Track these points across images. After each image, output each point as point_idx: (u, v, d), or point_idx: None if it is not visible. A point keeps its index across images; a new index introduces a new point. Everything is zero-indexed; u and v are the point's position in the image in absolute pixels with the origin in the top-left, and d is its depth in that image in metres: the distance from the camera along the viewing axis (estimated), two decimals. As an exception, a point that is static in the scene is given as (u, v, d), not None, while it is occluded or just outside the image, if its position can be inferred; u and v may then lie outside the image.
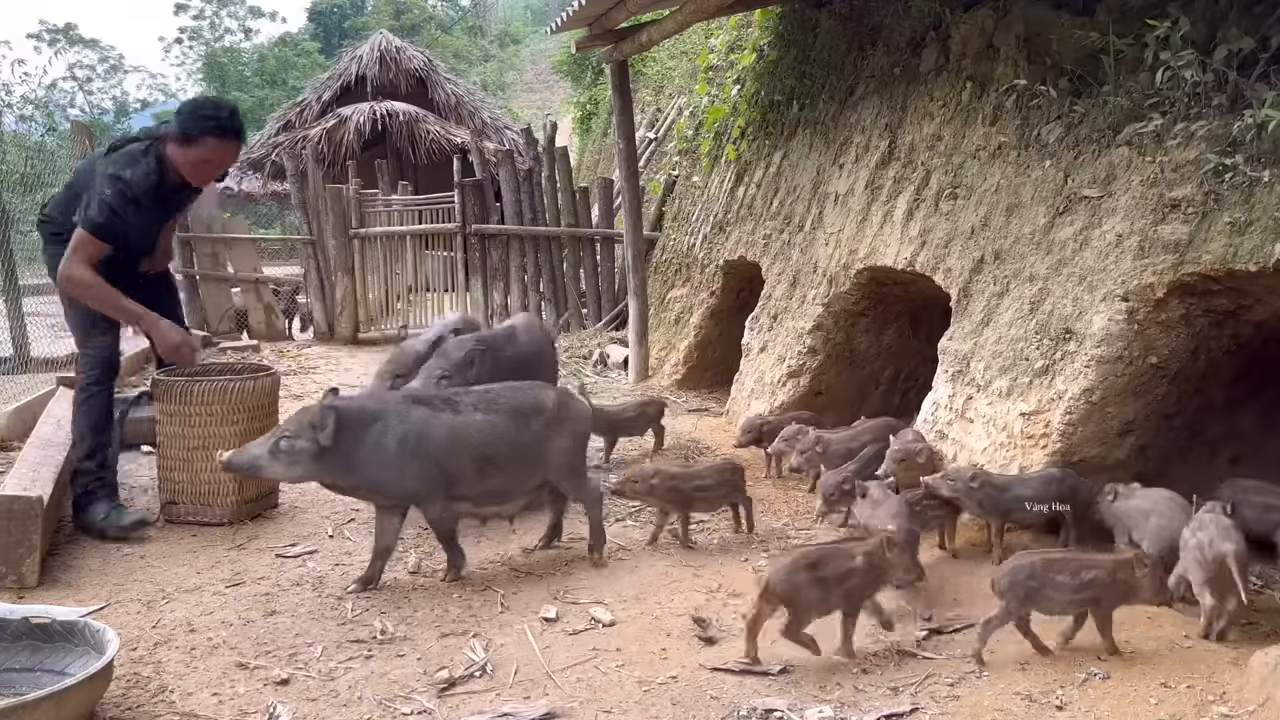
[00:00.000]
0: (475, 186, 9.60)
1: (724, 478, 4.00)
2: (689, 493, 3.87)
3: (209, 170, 3.91)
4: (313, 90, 17.61)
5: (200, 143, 3.73)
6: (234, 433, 3.96)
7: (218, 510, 4.08)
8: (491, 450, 3.46)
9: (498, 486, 3.53)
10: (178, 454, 4.06)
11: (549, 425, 3.59)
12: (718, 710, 2.56)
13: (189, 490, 4.07)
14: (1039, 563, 2.84)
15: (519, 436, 3.51)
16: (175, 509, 4.11)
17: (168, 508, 4.12)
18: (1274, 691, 2.46)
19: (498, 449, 3.47)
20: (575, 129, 19.41)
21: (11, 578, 3.26)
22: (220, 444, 3.74)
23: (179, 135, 3.72)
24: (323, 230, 10.09)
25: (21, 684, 2.54)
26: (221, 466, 3.26)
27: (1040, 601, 2.82)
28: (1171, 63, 3.63)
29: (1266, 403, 4.07)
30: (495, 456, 3.47)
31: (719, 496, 4.01)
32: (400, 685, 2.68)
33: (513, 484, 3.56)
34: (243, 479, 3.84)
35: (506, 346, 4.60)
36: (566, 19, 6.56)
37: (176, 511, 4.10)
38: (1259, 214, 3.24)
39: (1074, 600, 2.84)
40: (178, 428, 4.04)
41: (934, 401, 4.49)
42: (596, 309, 9.20)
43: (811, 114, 6.37)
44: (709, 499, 3.98)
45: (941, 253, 4.66)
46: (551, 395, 3.70)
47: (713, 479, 3.97)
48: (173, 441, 4.07)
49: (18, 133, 26.54)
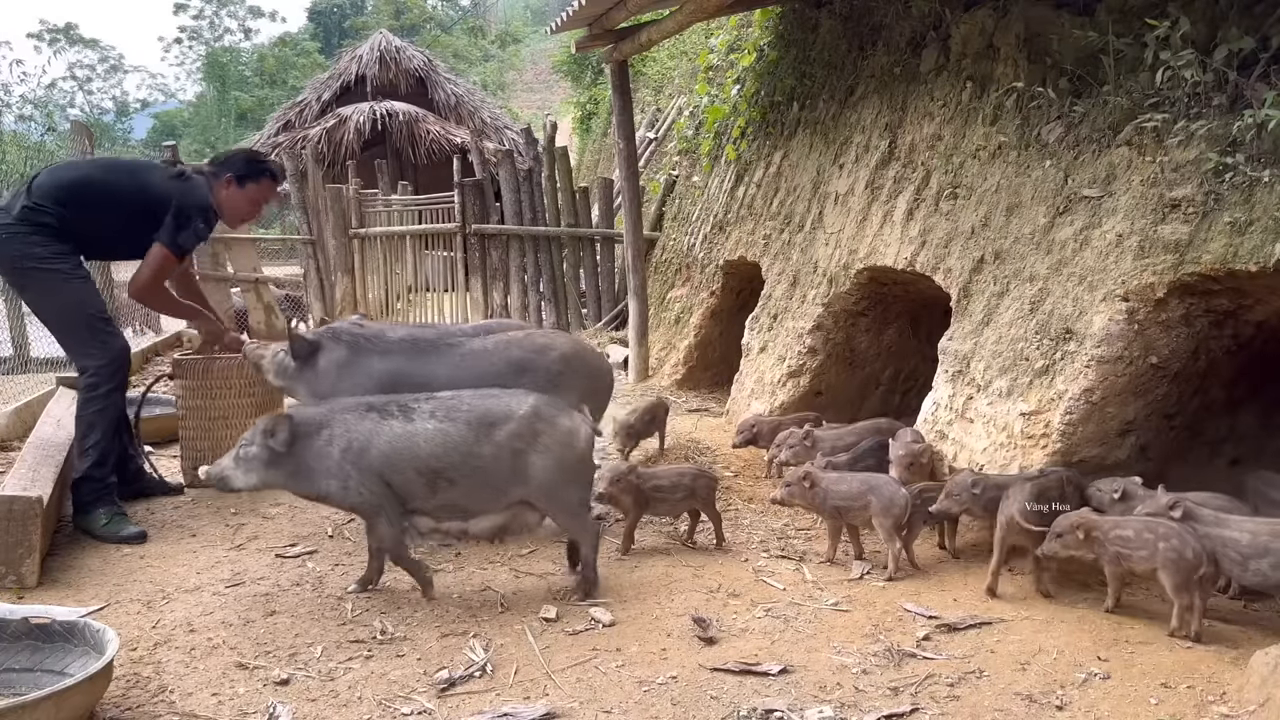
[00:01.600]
0: (475, 186, 9.59)
1: (684, 482, 3.91)
2: (646, 492, 3.85)
3: (252, 210, 4.34)
4: (313, 90, 17.65)
5: (257, 183, 4.24)
6: (250, 404, 4.43)
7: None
8: (441, 463, 3.19)
9: (452, 501, 3.25)
10: (200, 424, 4.49)
11: (519, 438, 3.21)
12: (718, 710, 2.56)
13: (212, 458, 4.24)
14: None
15: (477, 448, 3.19)
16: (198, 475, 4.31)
17: (191, 474, 4.48)
18: (1274, 691, 2.46)
19: (449, 460, 3.18)
20: (575, 129, 19.43)
21: (11, 578, 3.26)
22: (238, 414, 4.35)
23: (236, 177, 4.17)
24: (323, 230, 10.10)
25: (21, 684, 2.53)
26: (203, 479, 3.35)
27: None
28: (1171, 62, 3.63)
29: (1267, 403, 4.07)
30: (446, 469, 3.19)
31: (677, 500, 3.92)
32: (400, 685, 2.68)
33: (471, 500, 3.25)
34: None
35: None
36: (566, 19, 6.56)
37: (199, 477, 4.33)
38: (1259, 214, 3.24)
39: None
40: (200, 400, 4.45)
41: (934, 401, 4.49)
42: (596, 309, 9.20)
43: (811, 114, 6.37)
44: (669, 502, 3.91)
45: (941, 253, 4.66)
46: (525, 404, 3.28)
47: (669, 481, 3.91)
48: (195, 413, 4.49)
49: (17, 132, 26.55)
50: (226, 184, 4.16)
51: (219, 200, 4.14)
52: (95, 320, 3.93)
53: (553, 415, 3.29)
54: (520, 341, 4.09)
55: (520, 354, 3.99)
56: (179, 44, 42.98)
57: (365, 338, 3.97)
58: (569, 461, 3.27)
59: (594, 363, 4.28)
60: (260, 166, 4.28)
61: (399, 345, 3.95)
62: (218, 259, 10.18)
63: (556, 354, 4.06)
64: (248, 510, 4.23)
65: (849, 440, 4.50)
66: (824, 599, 3.37)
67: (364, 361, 3.88)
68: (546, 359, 4.01)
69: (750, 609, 3.27)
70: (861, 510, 3.66)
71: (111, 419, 3.98)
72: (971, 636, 3.03)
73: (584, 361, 4.17)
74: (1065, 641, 2.97)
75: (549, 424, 3.26)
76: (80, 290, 3.92)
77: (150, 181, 4.04)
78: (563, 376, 3.97)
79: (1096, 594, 3.34)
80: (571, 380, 3.97)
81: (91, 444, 3.90)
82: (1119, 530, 3.13)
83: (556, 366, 4.00)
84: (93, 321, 3.92)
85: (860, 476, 3.79)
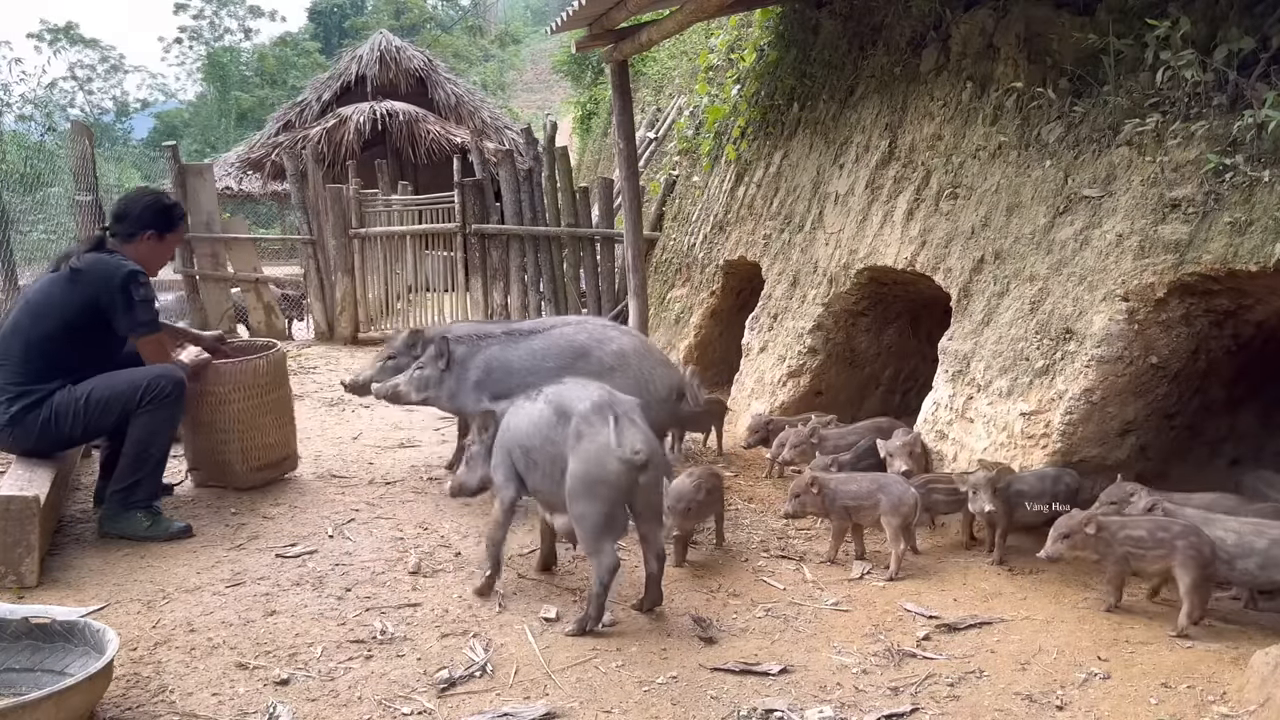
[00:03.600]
0: (475, 186, 9.58)
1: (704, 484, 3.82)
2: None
3: (169, 255, 4.27)
4: (313, 90, 17.63)
5: (175, 230, 4.17)
6: (250, 404, 4.43)
7: (235, 476, 4.48)
8: (530, 442, 3.23)
9: (535, 486, 3.27)
10: (200, 424, 4.44)
11: (574, 435, 3.08)
12: (718, 710, 2.55)
13: (209, 459, 4.48)
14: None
15: (554, 433, 3.15)
16: (197, 475, 4.55)
17: (192, 473, 4.56)
18: (1274, 691, 2.46)
19: (532, 442, 3.22)
20: (575, 129, 19.42)
21: (11, 577, 3.26)
22: (238, 414, 4.38)
23: (158, 232, 4.07)
24: (323, 230, 10.09)
25: (21, 684, 2.53)
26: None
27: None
28: (1171, 63, 3.63)
29: (1266, 403, 4.08)
30: (532, 450, 3.22)
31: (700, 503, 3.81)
32: (400, 685, 2.68)
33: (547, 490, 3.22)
34: (247, 449, 4.43)
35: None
36: (566, 19, 6.55)
37: (199, 477, 4.55)
38: (1259, 214, 3.24)
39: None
40: (201, 400, 4.37)
41: (934, 401, 4.49)
42: (596, 309, 9.19)
43: (811, 114, 6.37)
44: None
45: (942, 252, 4.66)
46: (582, 404, 3.12)
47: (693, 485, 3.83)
48: (197, 415, 4.40)
49: (17, 132, 26.54)
50: (148, 239, 4.05)
51: (141, 257, 4.00)
52: (121, 392, 3.83)
53: (599, 424, 3.04)
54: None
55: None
56: (179, 44, 42.97)
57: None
58: (593, 476, 3.00)
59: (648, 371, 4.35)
60: (176, 211, 4.18)
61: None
62: (218, 259, 10.19)
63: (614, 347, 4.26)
64: (248, 510, 4.23)
65: (850, 439, 4.53)
66: (824, 599, 3.37)
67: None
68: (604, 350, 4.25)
69: (750, 609, 3.27)
70: (871, 509, 3.65)
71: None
72: (971, 636, 3.03)
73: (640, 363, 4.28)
74: (1065, 641, 2.97)
75: (592, 430, 3.05)
76: (106, 392, 3.81)
77: (69, 299, 3.81)
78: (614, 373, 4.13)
79: (1096, 594, 3.34)
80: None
81: (160, 459, 3.99)
82: (1129, 530, 3.13)
83: (611, 361, 4.20)
84: (131, 393, 3.83)
85: (869, 476, 3.79)
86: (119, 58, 43.27)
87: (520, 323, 4.77)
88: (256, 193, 17.79)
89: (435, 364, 4.41)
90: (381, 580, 3.45)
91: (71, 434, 3.83)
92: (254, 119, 31.56)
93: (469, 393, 4.34)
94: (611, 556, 3.02)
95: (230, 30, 42.62)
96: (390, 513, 4.25)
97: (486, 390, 4.23)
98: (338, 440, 5.67)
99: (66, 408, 3.76)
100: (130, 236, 4.04)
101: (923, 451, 4.32)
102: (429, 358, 4.44)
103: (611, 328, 4.44)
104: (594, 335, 4.26)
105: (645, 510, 3.12)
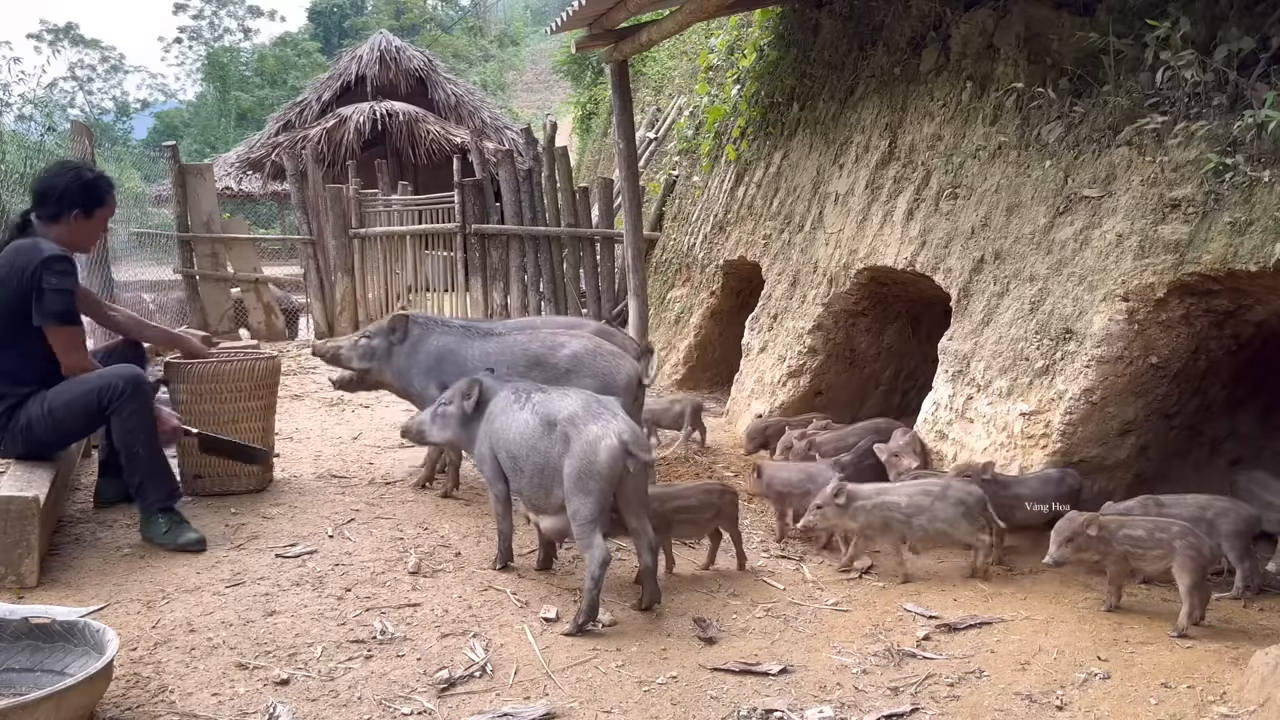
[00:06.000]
0: (475, 186, 9.58)
1: (711, 500, 3.75)
2: (668, 514, 3.64)
3: (101, 232, 4.01)
4: (313, 90, 17.63)
5: (104, 204, 3.87)
6: (241, 405, 4.32)
7: (242, 479, 4.37)
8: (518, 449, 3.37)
9: (519, 490, 3.42)
10: (192, 425, 4.17)
11: (562, 440, 3.22)
12: (718, 710, 2.56)
13: (216, 464, 4.29)
14: None
15: (540, 443, 3.30)
16: (201, 483, 4.32)
17: (194, 482, 4.31)
18: (1274, 691, 2.46)
19: (520, 450, 3.36)
20: (575, 129, 19.41)
21: (11, 578, 3.26)
22: (230, 415, 4.24)
23: (82, 210, 3.77)
24: (323, 230, 10.09)
25: (21, 684, 2.53)
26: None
27: None
28: (1171, 63, 3.63)
29: (1266, 403, 4.08)
30: (520, 458, 3.35)
31: (705, 520, 3.74)
32: (400, 685, 2.68)
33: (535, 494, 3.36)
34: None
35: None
36: (566, 19, 6.55)
37: (203, 485, 4.32)
38: (1259, 214, 3.24)
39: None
40: (207, 405, 4.27)
41: (934, 401, 4.49)
42: (596, 309, 9.19)
43: (811, 114, 6.37)
44: (696, 523, 3.74)
45: (942, 253, 4.66)
46: (565, 411, 3.27)
47: (697, 500, 3.74)
48: (199, 420, 4.19)
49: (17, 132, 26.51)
50: (75, 219, 3.77)
51: (69, 239, 3.76)
52: (79, 398, 3.66)
53: (585, 422, 3.19)
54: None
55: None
56: (179, 44, 42.98)
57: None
58: (584, 471, 3.12)
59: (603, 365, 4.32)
60: (102, 184, 3.87)
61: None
62: (217, 259, 10.20)
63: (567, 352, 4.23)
64: (248, 510, 4.23)
65: (850, 440, 4.52)
66: (824, 599, 3.37)
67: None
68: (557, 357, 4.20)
69: (750, 609, 3.27)
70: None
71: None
72: (971, 636, 3.03)
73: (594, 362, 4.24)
74: (1065, 641, 2.97)
75: (583, 434, 3.16)
76: (65, 398, 3.66)
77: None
78: (571, 375, 4.12)
79: (1096, 594, 3.34)
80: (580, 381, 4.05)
81: (165, 470, 3.86)
82: (1128, 530, 3.13)
83: (566, 365, 4.17)
84: (87, 399, 3.66)
85: (875, 487, 3.69)
86: (119, 58, 43.30)
87: (479, 322, 4.79)
88: (256, 193, 17.78)
89: (385, 337, 4.45)
90: (381, 580, 3.45)
91: (48, 440, 3.72)
92: (254, 119, 31.55)
93: (419, 375, 4.38)
94: (603, 549, 3.07)
95: (230, 30, 42.64)
96: (390, 513, 4.25)
97: (435, 378, 4.27)
98: (338, 440, 5.66)
99: (39, 417, 3.65)
100: (55, 218, 3.75)
101: (922, 451, 4.32)
102: (379, 330, 4.50)
103: (561, 333, 4.46)
104: (545, 343, 4.30)
105: (633, 501, 3.22)
